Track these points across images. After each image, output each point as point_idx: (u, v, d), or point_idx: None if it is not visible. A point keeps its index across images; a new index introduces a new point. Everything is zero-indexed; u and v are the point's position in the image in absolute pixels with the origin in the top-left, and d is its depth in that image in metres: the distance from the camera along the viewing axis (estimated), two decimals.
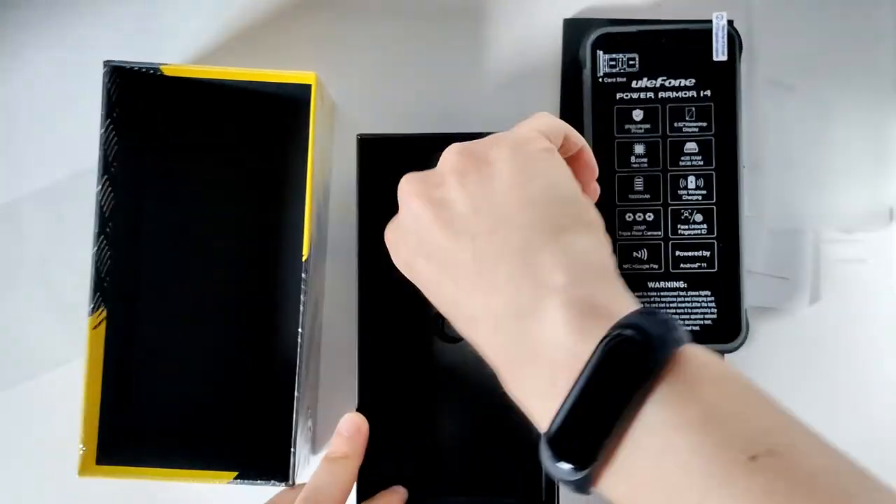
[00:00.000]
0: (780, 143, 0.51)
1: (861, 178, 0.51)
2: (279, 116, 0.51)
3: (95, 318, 0.45)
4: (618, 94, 0.49)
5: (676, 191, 0.48)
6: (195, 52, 0.52)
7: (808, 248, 0.51)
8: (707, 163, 0.48)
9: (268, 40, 0.52)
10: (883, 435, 0.51)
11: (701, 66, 0.49)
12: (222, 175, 0.51)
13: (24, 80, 0.53)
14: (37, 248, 0.52)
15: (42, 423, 0.51)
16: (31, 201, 0.52)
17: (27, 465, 0.51)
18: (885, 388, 0.51)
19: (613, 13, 0.52)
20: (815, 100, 0.52)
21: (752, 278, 0.50)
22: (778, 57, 0.52)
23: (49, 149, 0.52)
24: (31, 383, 0.51)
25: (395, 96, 0.52)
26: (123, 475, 0.45)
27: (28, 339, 0.52)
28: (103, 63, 0.45)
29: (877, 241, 0.51)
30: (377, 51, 0.53)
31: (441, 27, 0.52)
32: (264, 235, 0.51)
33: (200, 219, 0.51)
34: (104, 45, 0.53)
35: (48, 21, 0.53)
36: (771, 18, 0.52)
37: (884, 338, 0.51)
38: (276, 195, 0.51)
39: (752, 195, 0.51)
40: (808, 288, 0.51)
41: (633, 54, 0.49)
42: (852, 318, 0.51)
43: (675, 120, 0.49)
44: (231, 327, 0.51)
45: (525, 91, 0.52)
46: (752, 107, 0.51)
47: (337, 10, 0.53)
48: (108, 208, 0.46)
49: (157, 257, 0.51)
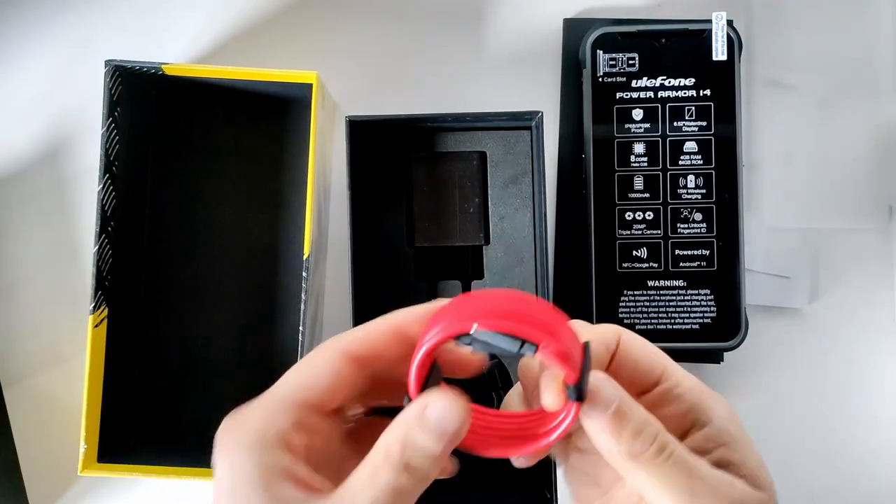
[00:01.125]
0: (779, 142, 0.51)
1: (860, 176, 0.52)
2: (280, 116, 0.51)
3: (97, 317, 0.45)
4: (618, 93, 0.49)
5: (676, 190, 0.49)
6: (196, 52, 0.52)
7: (807, 247, 0.51)
8: (706, 162, 0.49)
9: (269, 40, 0.53)
10: (882, 433, 0.51)
11: (700, 65, 0.49)
12: (223, 174, 0.51)
13: (25, 79, 0.53)
14: (38, 246, 0.52)
15: (44, 420, 0.51)
16: (33, 200, 0.52)
17: (29, 462, 0.51)
18: (884, 386, 0.51)
19: (613, 13, 0.52)
20: (814, 99, 0.52)
21: (752, 277, 0.50)
22: (777, 57, 0.52)
23: (50, 147, 0.53)
24: (32, 381, 0.52)
25: (396, 96, 0.52)
26: (124, 473, 0.45)
27: (30, 338, 0.52)
28: (105, 62, 0.45)
29: (877, 240, 0.51)
30: (378, 51, 0.53)
31: (442, 27, 0.53)
32: (265, 234, 0.51)
33: (201, 218, 0.51)
34: (106, 44, 0.53)
35: (50, 20, 0.53)
36: (770, 18, 0.52)
37: (883, 336, 0.51)
38: (277, 194, 0.51)
39: (752, 194, 0.51)
40: (807, 286, 0.51)
41: (633, 54, 0.49)
42: (852, 316, 0.51)
43: (675, 119, 0.49)
44: (231, 325, 0.51)
45: (526, 91, 0.52)
46: (751, 106, 0.51)
47: (339, 10, 0.53)
48: (109, 207, 0.46)
49: (159, 256, 0.51)
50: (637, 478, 0.27)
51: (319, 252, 0.49)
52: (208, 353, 0.51)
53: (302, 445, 0.28)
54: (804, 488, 0.50)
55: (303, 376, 0.29)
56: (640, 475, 0.27)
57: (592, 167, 0.49)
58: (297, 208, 0.50)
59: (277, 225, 0.51)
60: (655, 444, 0.27)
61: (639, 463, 0.27)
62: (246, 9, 0.53)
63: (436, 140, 0.50)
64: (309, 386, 0.29)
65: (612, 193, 0.49)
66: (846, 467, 0.51)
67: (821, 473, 0.51)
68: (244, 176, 0.51)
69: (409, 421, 0.27)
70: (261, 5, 0.53)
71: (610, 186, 0.49)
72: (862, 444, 0.51)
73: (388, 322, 0.30)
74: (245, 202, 0.51)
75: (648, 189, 0.49)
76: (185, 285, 0.51)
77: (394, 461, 0.27)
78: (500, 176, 0.50)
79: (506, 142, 0.50)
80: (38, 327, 0.52)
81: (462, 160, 0.50)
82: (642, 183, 0.49)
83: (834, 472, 0.51)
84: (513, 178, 0.50)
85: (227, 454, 0.28)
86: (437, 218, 0.49)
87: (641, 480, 0.27)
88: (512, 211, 0.50)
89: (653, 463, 0.27)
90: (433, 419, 0.27)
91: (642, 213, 0.49)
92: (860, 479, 0.51)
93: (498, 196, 0.50)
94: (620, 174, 0.49)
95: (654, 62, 0.49)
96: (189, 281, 0.51)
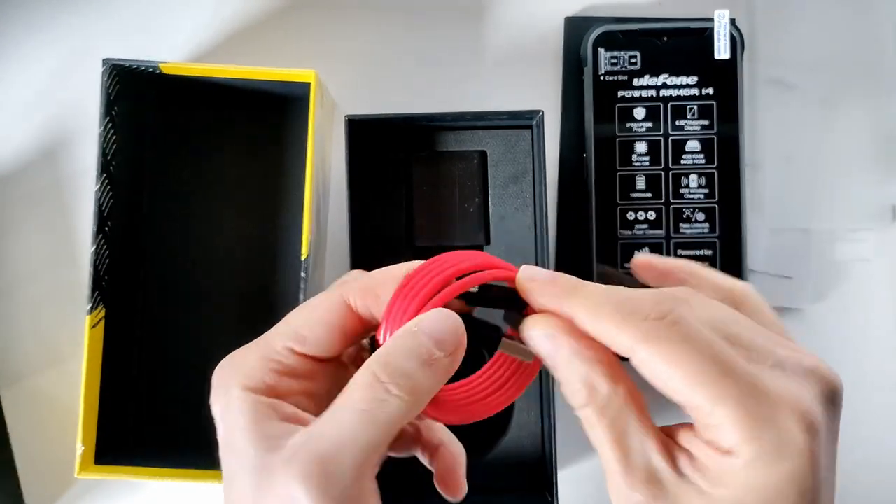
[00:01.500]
0: (781, 142, 0.51)
1: (864, 176, 0.51)
2: (278, 115, 0.51)
3: (94, 317, 0.45)
4: (619, 92, 0.49)
5: (678, 189, 0.48)
6: (194, 50, 0.52)
7: (810, 247, 0.51)
8: (709, 161, 0.48)
9: (267, 38, 0.52)
10: (885, 434, 0.51)
11: (703, 64, 0.48)
12: (221, 173, 0.51)
13: (23, 78, 0.53)
14: (35, 246, 0.52)
15: (40, 421, 0.51)
16: (30, 200, 0.52)
17: (26, 464, 0.51)
18: (887, 387, 0.51)
19: (615, 11, 0.52)
20: (816, 98, 0.51)
21: (754, 277, 0.50)
22: (779, 55, 0.52)
23: (48, 147, 0.52)
24: (29, 382, 0.51)
25: (396, 95, 0.52)
26: (122, 474, 0.45)
27: (26, 338, 0.51)
28: (102, 61, 0.45)
29: (880, 240, 0.51)
30: (377, 49, 0.52)
31: (442, 26, 0.52)
32: (264, 234, 0.51)
33: (199, 217, 0.51)
34: (103, 43, 0.52)
35: (47, 19, 0.53)
36: (772, 17, 0.52)
37: (887, 337, 0.51)
38: (276, 194, 0.51)
39: (754, 194, 0.51)
40: (810, 287, 0.51)
41: (635, 52, 0.49)
42: (855, 317, 0.51)
43: (677, 118, 0.48)
44: (230, 326, 0.50)
45: (526, 90, 0.52)
46: (753, 105, 0.51)
47: (337, 8, 0.52)
48: (106, 207, 0.46)
49: (156, 256, 0.50)
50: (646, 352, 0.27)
51: (318, 252, 0.49)
52: (206, 353, 0.50)
53: (293, 389, 0.29)
54: None
55: (295, 327, 0.30)
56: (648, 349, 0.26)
57: (594, 166, 0.48)
58: (296, 208, 0.50)
59: (276, 225, 0.51)
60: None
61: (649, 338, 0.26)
62: (244, 7, 0.52)
63: (436, 139, 0.50)
64: (300, 338, 0.29)
65: (614, 193, 0.48)
66: (847, 468, 0.50)
67: None
68: (242, 175, 0.51)
69: (394, 339, 0.28)
70: (259, 3, 0.52)
71: (611, 186, 0.48)
72: (863, 444, 0.51)
73: (393, 273, 0.30)
74: (243, 202, 0.51)
75: (650, 188, 0.48)
76: (182, 285, 0.50)
77: (372, 383, 0.27)
78: (500, 175, 0.50)
79: (506, 141, 0.50)
80: (34, 328, 0.52)
81: (462, 159, 0.49)
82: (644, 182, 0.49)
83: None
84: (513, 177, 0.50)
85: (221, 396, 0.29)
86: (437, 217, 0.49)
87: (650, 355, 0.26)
88: (512, 210, 0.50)
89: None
90: (426, 329, 0.27)
91: (644, 213, 0.48)
92: (861, 481, 0.50)
93: (498, 196, 0.50)
94: (622, 173, 0.49)
95: (656, 61, 0.49)
96: (187, 281, 0.50)
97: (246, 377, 0.29)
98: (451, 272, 0.29)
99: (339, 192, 0.51)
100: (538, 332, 0.28)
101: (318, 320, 0.29)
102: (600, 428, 0.27)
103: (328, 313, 0.29)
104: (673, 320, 0.26)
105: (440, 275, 0.29)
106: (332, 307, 0.29)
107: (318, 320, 0.29)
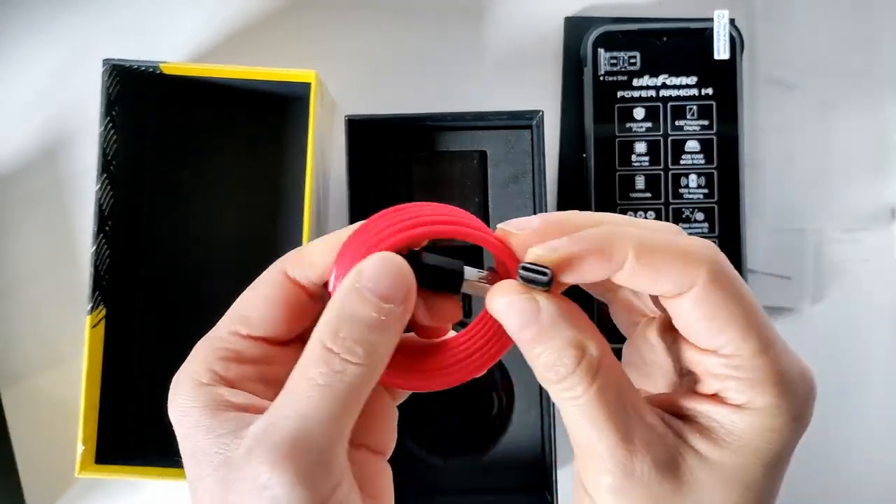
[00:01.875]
0: (781, 142, 0.51)
1: (863, 176, 0.51)
2: (279, 115, 0.51)
3: (95, 317, 0.45)
4: (619, 92, 0.49)
5: (678, 189, 0.48)
6: (194, 51, 0.52)
7: (810, 248, 0.51)
8: (708, 161, 0.48)
9: (267, 38, 0.52)
10: (884, 434, 0.51)
11: (702, 64, 0.48)
12: (222, 173, 0.51)
13: (23, 78, 0.53)
14: (36, 246, 0.52)
15: (41, 421, 0.51)
16: (30, 200, 0.52)
17: (26, 463, 0.51)
18: (887, 387, 0.51)
19: (615, 11, 0.52)
20: (816, 98, 0.52)
21: (754, 277, 0.50)
22: (779, 56, 0.52)
23: (48, 147, 0.52)
24: (30, 381, 0.51)
25: (396, 95, 0.52)
26: (122, 474, 0.45)
27: (27, 338, 0.51)
28: (102, 61, 0.45)
29: (879, 241, 0.51)
30: (377, 49, 0.52)
31: (442, 26, 0.52)
32: (264, 234, 0.51)
33: (199, 217, 0.51)
34: (104, 43, 0.52)
35: (48, 20, 0.53)
36: (772, 17, 0.52)
37: (886, 337, 0.51)
38: (276, 194, 0.51)
39: (754, 194, 0.51)
40: (810, 287, 0.51)
41: (635, 52, 0.49)
42: (855, 317, 0.51)
43: (677, 118, 0.48)
44: None
45: (526, 90, 0.52)
46: (753, 105, 0.51)
47: (337, 8, 0.52)
48: (107, 207, 0.46)
49: (157, 256, 0.50)
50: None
51: None
52: None
53: (246, 376, 0.27)
54: (804, 489, 0.50)
55: (238, 309, 0.28)
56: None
57: (593, 166, 0.49)
58: (297, 208, 0.50)
59: (276, 225, 0.51)
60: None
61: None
62: (244, 7, 0.52)
63: (436, 139, 0.50)
64: (244, 319, 0.28)
65: (614, 193, 0.48)
66: (846, 468, 0.51)
67: (821, 474, 0.50)
68: (242, 175, 0.51)
69: (338, 301, 0.25)
70: (259, 3, 0.52)
71: (611, 186, 0.48)
72: (862, 445, 0.51)
73: (329, 238, 0.27)
74: (244, 202, 0.51)
75: (650, 189, 0.48)
76: (183, 285, 0.50)
77: (324, 355, 0.25)
78: (500, 175, 0.50)
79: (506, 141, 0.50)
80: (35, 327, 0.52)
81: (462, 159, 0.50)
82: (644, 182, 0.49)
83: (834, 473, 0.51)
84: (513, 177, 0.50)
85: (172, 397, 0.28)
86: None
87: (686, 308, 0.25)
88: (512, 210, 0.50)
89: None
90: (369, 281, 0.25)
91: (644, 213, 0.48)
92: (860, 481, 0.51)
93: (498, 195, 0.50)
94: (622, 173, 0.49)
95: (656, 61, 0.49)
96: (187, 280, 0.50)
97: (193, 372, 0.27)
98: (410, 223, 0.26)
99: (340, 193, 0.51)
100: (513, 296, 0.26)
101: (261, 297, 0.27)
102: (588, 396, 0.25)
103: (268, 288, 0.27)
104: (725, 262, 0.25)
105: (400, 223, 0.26)
106: (273, 282, 0.27)
107: (260, 297, 0.27)
